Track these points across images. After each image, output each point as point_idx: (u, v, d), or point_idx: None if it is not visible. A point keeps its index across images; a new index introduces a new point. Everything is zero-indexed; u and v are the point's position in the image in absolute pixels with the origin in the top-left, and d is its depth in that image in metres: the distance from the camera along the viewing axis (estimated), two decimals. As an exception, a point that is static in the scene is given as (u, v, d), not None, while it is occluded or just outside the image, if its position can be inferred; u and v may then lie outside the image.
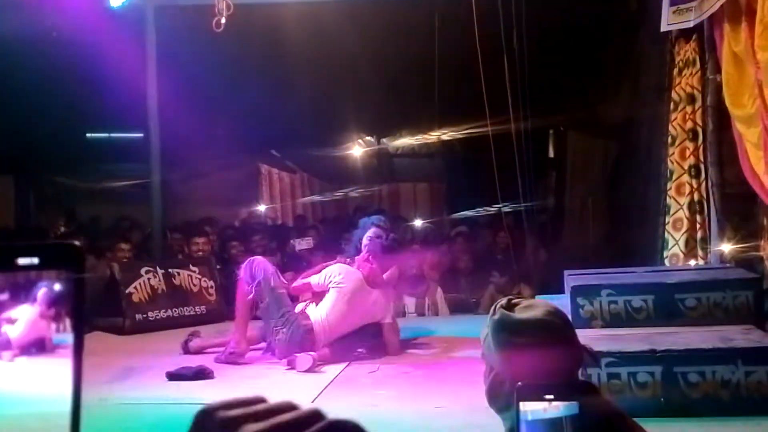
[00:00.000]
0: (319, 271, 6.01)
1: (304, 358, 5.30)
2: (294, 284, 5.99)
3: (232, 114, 11.89)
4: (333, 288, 5.78)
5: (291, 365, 5.35)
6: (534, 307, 1.83)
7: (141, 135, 10.46)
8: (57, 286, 0.86)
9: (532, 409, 1.26)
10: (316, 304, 5.83)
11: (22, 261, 0.80)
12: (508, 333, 1.77)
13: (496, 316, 1.81)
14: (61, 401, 0.80)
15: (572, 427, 1.26)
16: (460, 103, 10.15)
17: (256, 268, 5.72)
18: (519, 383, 1.29)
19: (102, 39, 8.46)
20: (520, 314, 1.80)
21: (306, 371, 5.24)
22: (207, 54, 9.37)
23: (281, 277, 5.87)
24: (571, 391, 1.26)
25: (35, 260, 0.80)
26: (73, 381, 0.81)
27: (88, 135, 13.65)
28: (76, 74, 9.49)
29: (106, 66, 8.72)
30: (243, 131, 12.20)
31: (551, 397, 1.24)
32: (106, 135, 13.88)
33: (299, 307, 5.90)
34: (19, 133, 10.36)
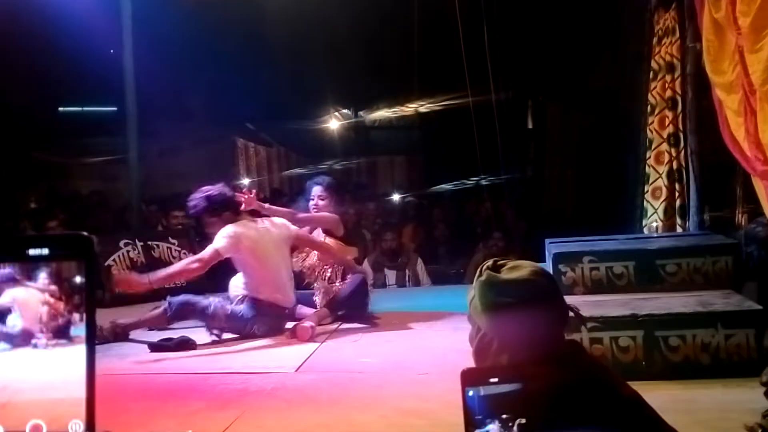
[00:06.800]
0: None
1: (304, 328, 5.29)
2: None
3: (208, 87, 11.76)
4: None
5: (293, 335, 5.32)
6: (520, 267, 1.82)
7: (115, 109, 10.33)
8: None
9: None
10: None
11: (33, 252, 0.83)
12: (495, 293, 1.77)
13: (483, 277, 1.80)
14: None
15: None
16: (439, 74, 10.12)
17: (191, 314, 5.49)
18: (463, 368, 1.28)
19: (76, 10, 8.31)
20: (506, 275, 1.80)
21: (308, 340, 5.23)
22: (183, 26, 9.24)
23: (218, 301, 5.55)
24: (517, 373, 1.26)
25: (45, 251, 0.83)
26: (87, 365, 0.81)
27: (60, 109, 13.46)
28: (49, 47, 9.33)
29: (81, 38, 8.58)
30: (219, 104, 12.08)
31: (496, 380, 1.24)
32: (79, 109, 13.69)
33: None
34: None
